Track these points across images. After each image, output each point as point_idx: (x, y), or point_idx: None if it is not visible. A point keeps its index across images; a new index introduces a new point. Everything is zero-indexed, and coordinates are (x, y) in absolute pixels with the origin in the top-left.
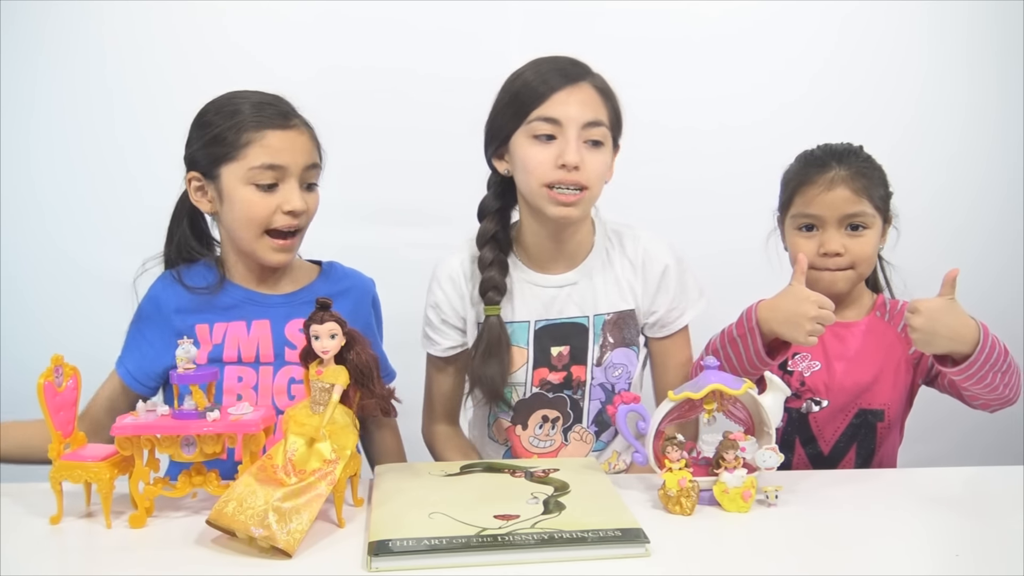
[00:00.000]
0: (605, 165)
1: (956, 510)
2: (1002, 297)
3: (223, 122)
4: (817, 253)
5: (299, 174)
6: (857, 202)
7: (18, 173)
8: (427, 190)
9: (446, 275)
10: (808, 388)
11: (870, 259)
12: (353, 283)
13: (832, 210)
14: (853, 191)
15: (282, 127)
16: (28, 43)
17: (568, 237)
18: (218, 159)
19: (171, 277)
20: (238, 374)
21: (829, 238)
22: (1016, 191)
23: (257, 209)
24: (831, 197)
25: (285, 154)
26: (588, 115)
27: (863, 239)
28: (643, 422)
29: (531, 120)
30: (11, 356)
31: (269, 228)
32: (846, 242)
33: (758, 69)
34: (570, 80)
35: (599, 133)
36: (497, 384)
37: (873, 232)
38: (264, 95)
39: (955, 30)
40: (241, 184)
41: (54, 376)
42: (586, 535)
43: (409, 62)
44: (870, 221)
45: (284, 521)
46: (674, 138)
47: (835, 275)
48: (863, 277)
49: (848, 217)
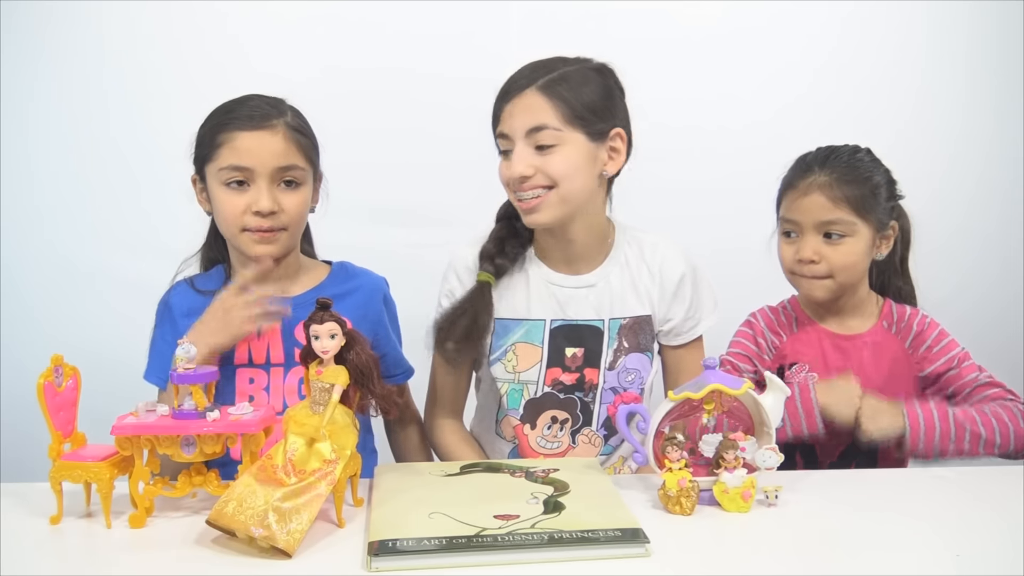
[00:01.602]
0: (566, 163)
1: (956, 510)
2: (1002, 297)
3: (206, 123)
4: (794, 259)
5: (269, 175)
6: (832, 209)
7: (18, 173)
8: (429, 191)
9: (462, 265)
10: None
11: (850, 269)
12: (363, 282)
13: (807, 216)
14: (829, 198)
15: (252, 128)
16: (28, 43)
17: (571, 239)
18: (202, 160)
19: (184, 283)
20: (249, 376)
21: (804, 244)
22: (1016, 191)
23: (228, 208)
24: (806, 203)
25: (252, 155)
26: (530, 122)
27: (841, 248)
28: (643, 422)
29: (496, 136)
30: (11, 356)
31: (244, 228)
32: (823, 250)
33: (758, 69)
34: (516, 90)
35: (547, 136)
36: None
37: (854, 241)
38: (249, 96)
39: (955, 30)
40: (217, 184)
41: (54, 376)
42: (586, 535)
43: (410, 63)
44: (848, 229)
45: (284, 521)
46: (674, 138)
47: (812, 283)
48: (845, 287)
49: (824, 224)
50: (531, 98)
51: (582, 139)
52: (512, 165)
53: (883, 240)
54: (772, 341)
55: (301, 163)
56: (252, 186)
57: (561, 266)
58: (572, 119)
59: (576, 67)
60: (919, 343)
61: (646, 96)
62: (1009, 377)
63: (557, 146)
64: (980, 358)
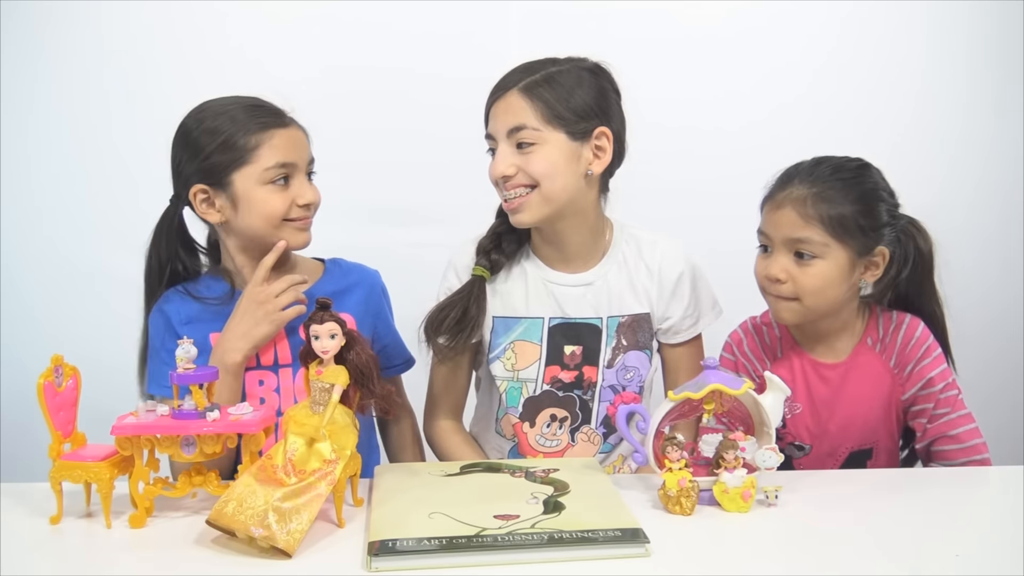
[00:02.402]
0: (546, 162)
1: (956, 510)
2: (1002, 297)
3: (221, 130)
4: (764, 275)
5: (305, 167)
6: (803, 227)
7: (18, 173)
8: (428, 191)
9: (463, 264)
10: (789, 432)
11: (818, 294)
12: (361, 277)
13: (777, 231)
14: (801, 215)
15: (282, 125)
16: (28, 43)
17: (563, 237)
18: (227, 166)
19: (179, 292)
20: (259, 378)
21: (773, 261)
22: (1016, 191)
23: (275, 206)
24: (776, 217)
25: (292, 151)
26: (511, 122)
27: (810, 270)
28: (643, 422)
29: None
30: (11, 356)
31: (286, 219)
32: (791, 269)
33: (758, 69)
34: (500, 90)
35: (526, 135)
36: (444, 330)
37: (825, 263)
38: (246, 98)
39: (955, 30)
40: (257, 185)
41: (54, 376)
42: (586, 535)
43: (408, 63)
44: (819, 250)
45: (284, 521)
46: (673, 138)
47: (779, 303)
48: (815, 312)
49: (793, 242)
50: (512, 99)
51: (562, 138)
52: (495, 164)
53: (868, 267)
54: (755, 367)
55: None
56: (293, 180)
57: (558, 264)
58: (551, 119)
59: (566, 67)
60: (904, 362)
61: (645, 96)
62: (1009, 377)
63: (536, 145)
64: (980, 358)
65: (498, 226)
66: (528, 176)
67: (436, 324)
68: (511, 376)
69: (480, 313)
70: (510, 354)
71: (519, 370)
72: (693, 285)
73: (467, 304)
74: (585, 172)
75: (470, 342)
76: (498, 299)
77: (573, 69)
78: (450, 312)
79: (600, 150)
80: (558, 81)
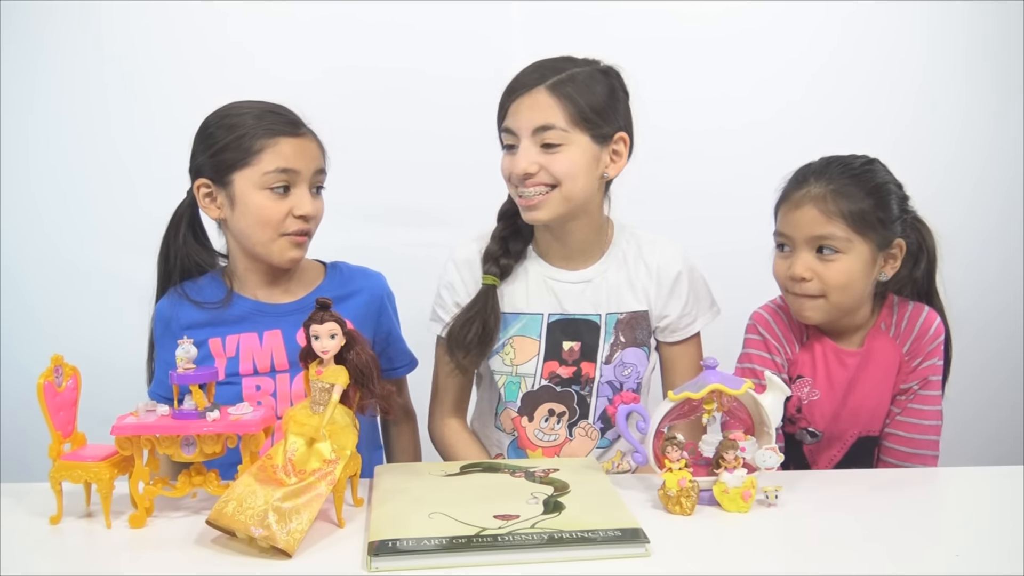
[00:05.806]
0: (571, 164)
1: (956, 510)
2: (1002, 297)
3: (235, 129)
4: (787, 275)
5: (309, 179)
6: (826, 223)
7: (18, 173)
8: (429, 191)
9: (463, 258)
10: (804, 416)
11: (845, 289)
12: (364, 283)
13: (799, 230)
14: (823, 212)
15: (293, 134)
16: (28, 43)
17: (569, 236)
18: (230, 165)
19: (176, 295)
20: (256, 383)
21: (797, 260)
22: (1016, 191)
23: (270, 213)
24: (798, 216)
25: (297, 159)
26: (537, 120)
27: (835, 265)
28: (643, 422)
29: (501, 130)
30: (11, 356)
31: (282, 232)
32: (816, 267)
33: (758, 70)
34: (524, 87)
35: (553, 136)
36: (468, 348)
37: (849, 258)
38: (270, 104)
39: (955, 30)
40: (255, 189)
41: (54, 376)
42: (586, 535)
43: (412, 63)
44: (843, 245)
45: (284, 521)
46: (673, 139)
47: (803, 302)
48: (841, 309)
49: (816, 239)
50: (539, 96)
51: (587, 141)
52: (517, 161)
53: (888, 259)
54: (786, 350)
55: (325, 168)
56: (294, 190)
57: (559, 262)
58: (579, 120)
59: (584, 68)
60: (916, 352)
61: (646, 96)
62: (1009, 377)
63: (563, 146)
64: (980, 358)
65: (502, 230)
66: (550, 176)
67: (459, 341)
68: (510, 371)
69: (498, 323)
70: (509, 349)
71: (517, 365)
72: (691, 285)
73: (486, 317)
74: (601, 175)
75: (491, 351)
76: (499, 295)
77: (590, 71)
78: (471, 327)
79: (616, 155)
80: (581, 82)
